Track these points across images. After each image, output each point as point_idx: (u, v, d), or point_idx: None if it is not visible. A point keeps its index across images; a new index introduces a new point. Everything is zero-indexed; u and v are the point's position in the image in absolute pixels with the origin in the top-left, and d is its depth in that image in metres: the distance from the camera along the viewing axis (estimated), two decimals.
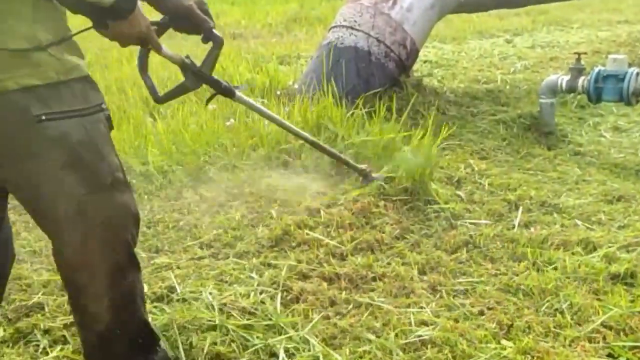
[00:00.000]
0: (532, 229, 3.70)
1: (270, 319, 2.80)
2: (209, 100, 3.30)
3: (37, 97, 1.98)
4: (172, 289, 3.06)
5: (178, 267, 3.26)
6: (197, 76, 2.90)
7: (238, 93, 3.22)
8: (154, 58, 2.79)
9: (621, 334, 2.72)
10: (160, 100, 2.94)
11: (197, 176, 4.54)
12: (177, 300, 2.97)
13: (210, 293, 2.99)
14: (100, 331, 2.27)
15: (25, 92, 1.96)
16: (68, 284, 2.26)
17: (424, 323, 2.81)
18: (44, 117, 1.98)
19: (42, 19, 1.99)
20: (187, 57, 2.88)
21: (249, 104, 3.45)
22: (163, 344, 2.59)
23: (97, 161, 2.12)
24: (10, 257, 2.47)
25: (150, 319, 2.51)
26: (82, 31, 2.15)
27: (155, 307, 2.90)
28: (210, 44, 2.84)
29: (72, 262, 2.17)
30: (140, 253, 3.36)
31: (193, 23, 2.63)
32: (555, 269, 3.25)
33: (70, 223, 2.11)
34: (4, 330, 2.82)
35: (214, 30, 2.73)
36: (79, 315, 2.30)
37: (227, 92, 3.14)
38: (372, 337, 2.72)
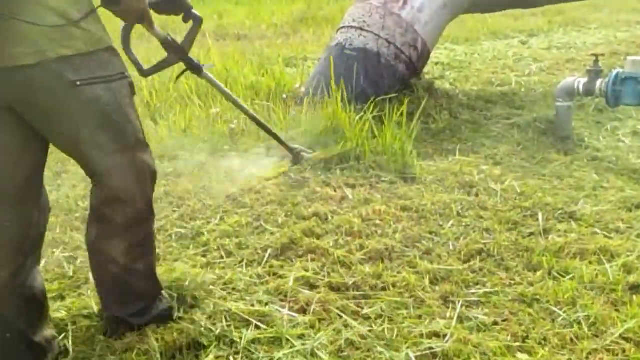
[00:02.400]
0: (548, 237, 3.70)
1: (276, 331, 2.81)
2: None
3: (72, 65, 2.36)
4: (178, 299, 3.06)
5: (181, 277, 3.26)
6: (177, 52, 3.39)
7: (205, 71, 3.76)
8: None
9: None
10: (145, 73, 3.45)
11: (201, 181, 4.56)
12: (183, 311, 2.97)
13: (215, 304, 3.00)
14: (114, 273, 2.72)
15: (61, 62, 2.33)
16: (92, 226, 2.69)
17: (436, 335, 2.81)
18: (78, 83, 2.38)
19: None
20: (168, 35, 3.35)
21: (213, 82, 3.96)
22: (166, 295, 2.96)
23: (124, 122, 2.55)
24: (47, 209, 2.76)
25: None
26: (97, 7, 2.46)
27: None
28: (191, 23, 3.30)
29: (104, 206, 2.62)
30: None
31: (176, 4, 3.11)
32: (572, 278, 3.25)
33: (104, 176, 2.56)
34: None
35: (193, 10, 3.20)
36: (97, 257, 2.73)
37: (196, 69, 3.65)
38: (383, 349, 2.72)
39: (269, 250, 3.57)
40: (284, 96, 6.41)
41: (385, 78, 6.20)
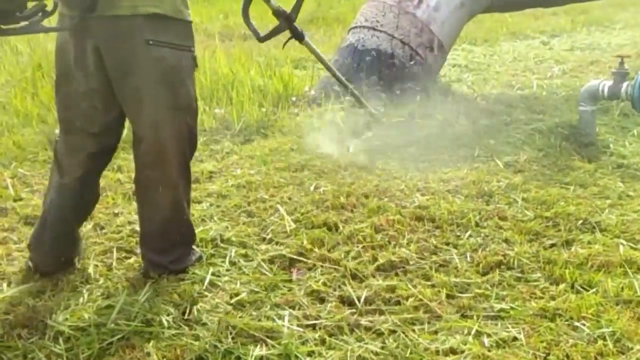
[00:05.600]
0: (571, 249, 3.69)
1: (285, 348, 2.80)
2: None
3: (152, 26, 3.04)
4: (182, 313, 3.07)
5: (185, 290, 3.27)
6: (286, 20, 4.13)
7: (306, 38, 4.57)
8: None
9: None
10: (262, 39, 4.15)
11: (202, 188, 4.56)
12: (188, 326, 2.98)
13: (220, 319, 3.00)
14: (160, 221, 3.36)
15: (146, 19, 3.02)
16: (141, 180, 3.35)
17: (453, 351, 2.80)
18: (151, 42, 3.04)
19: None
20: (279, 6, 4.18)
21: (312, 49, 4.91)
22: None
23: (180, 85, 3.19)
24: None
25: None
26: None
27: (162, 332, 2.92)
28: None
29: (151, 159, 3.24)
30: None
31: None
32: (596, 292, 3.24)
33: (156, 128, 3.19)
34: None
35: None
36: (146, 207, 3.40)
37: (300, 35, 4.37)
38: None
39: (277, 262, 3.57)
40: (293, 99, 6.42)
41: (400, 80, 6.21)
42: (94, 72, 3.14)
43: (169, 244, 3.41)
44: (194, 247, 3.60)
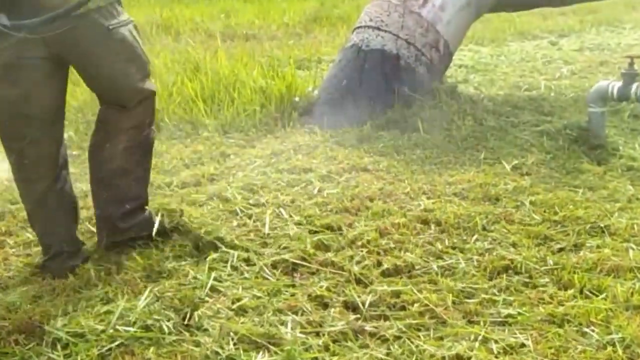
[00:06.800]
0: (580, 253, 3.68)
1: (288, 354, 2.80)
2: None
3: (103, 15, 3.30)
4: (183, 319, 3.07)
5: (186, 295, 3.27)
6: None
7: None
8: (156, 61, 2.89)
9: None
10: None
11: (204, 191, 4.56)
12: (188, 332, 2.98)
13: (221, 325, 3.00)
14: (110, 170, 3.62)
15: (97, 12, 3.26)
16: (96, 134, 3.63)
17: (459, 358, 2.80)
18: (110, 27, 3.33)
19: None
20: None
21: None
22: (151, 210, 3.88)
23: (141, 55, 3.55)
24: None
25: None
26: None
27: (162, 338, 2.92)
28: None
29: (128, 124, 3.58)
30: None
31: None
32: (606, 297, 3.23)
33: (129, 99, 3.51)
34: None
35: None
36: (96, 159, 3.65)
37: None
38: None
39: (279, 266, 3.57)
40: (296, 99, 6.41)
41: (405, 81, 6.20)
42: (43, 81, 3.36)
43: (120, 195, 3.68)
44: (147, 208, 3.85)
